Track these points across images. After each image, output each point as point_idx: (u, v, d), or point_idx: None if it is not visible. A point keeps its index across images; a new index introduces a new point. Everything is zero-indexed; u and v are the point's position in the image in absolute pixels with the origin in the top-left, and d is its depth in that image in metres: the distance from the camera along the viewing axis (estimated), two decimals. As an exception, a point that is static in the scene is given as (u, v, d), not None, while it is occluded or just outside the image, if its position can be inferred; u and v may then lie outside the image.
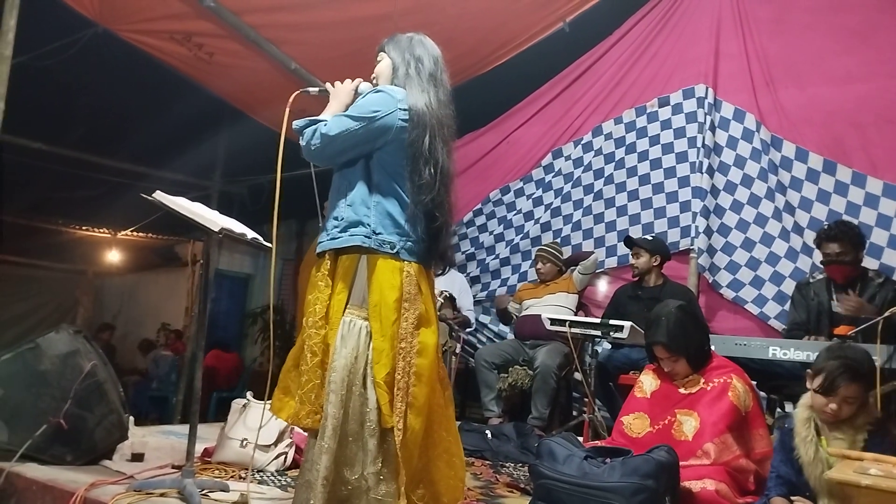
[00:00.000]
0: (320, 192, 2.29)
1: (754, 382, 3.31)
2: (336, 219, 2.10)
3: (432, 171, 2.08)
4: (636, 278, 4.44)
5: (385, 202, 2.08)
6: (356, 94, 2.24)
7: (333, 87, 2.25)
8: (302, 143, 2.12)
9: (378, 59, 2.29)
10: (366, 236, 2.05)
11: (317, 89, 2.32)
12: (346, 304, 2.05)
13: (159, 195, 2.49)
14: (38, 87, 4.95)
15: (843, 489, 1.89)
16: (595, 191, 5.29)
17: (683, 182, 4.90)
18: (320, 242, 2.12)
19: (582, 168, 5.39)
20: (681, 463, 2.38)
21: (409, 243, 2.09)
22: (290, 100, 2.20)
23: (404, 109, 2.09)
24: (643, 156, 5.12)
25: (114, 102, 5.93)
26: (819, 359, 2.30)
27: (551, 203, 5.51)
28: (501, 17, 4.95)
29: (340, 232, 2.07)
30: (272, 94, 5.37)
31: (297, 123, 2.13)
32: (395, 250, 2.06)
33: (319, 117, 2.13)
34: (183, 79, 5.15)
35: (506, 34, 5.20)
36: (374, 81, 2.27)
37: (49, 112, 5.88)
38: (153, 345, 8.67)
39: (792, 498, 2.28)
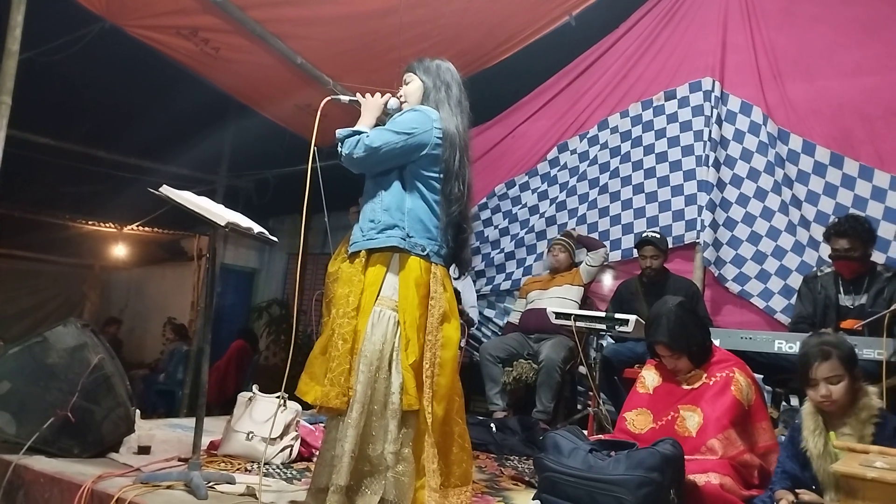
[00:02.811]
0: (326, 188, 2.36)
1: (760, 376, 3.32)
2: (372, 221, 2.28)
3: (461, 186, 2.34)
4: (648, 278, 4.41)
5: (417, 209, 2.29)
6: (385, 108, 2.42)
7: (364, 98, 2.42)
8: (343, 150, 2.28)
9: (406, 79, 2.47)
10: (401, 238, 2.25)
11: (347, 99, 2.48)
12: (377, 296, 2.22)
13: (166, 189, 2.50)
14: (45, 82, 4.96)
15: (849, 482, 1.89)
16: (601, 184, 5.28)
17: (689, 175, 4.88)
18: (354, 242, 2.30)
19: (587, 162, 5.38)
20: (685, 457, 2.38)
21: (438, 247, 2.31)
22: (321, 106, 2.37)
23: (439, 128, 2.32)
24: (649, 149, 5.10)
25: (120, 98, 5.94)
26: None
27: (557, 197, 5.51)
28: (507, 10, 4.94)
29: (377, 233, 2.26)
30: (278, 88, 5.38)
31: (340, 132, 2.30)
32: (425, 252, 2.27)
33: (359, 129, 2.31)
34: (189, 74, 5.16)
35: (511, 28, 5.19)
36: (402, 99, 2.44)
37: (56, 107, 5.90)
38: (186, 329, 8.58)
39: (797, 490, 2.28)
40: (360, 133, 2.28)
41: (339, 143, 2.30)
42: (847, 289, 3.54)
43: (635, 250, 4.54)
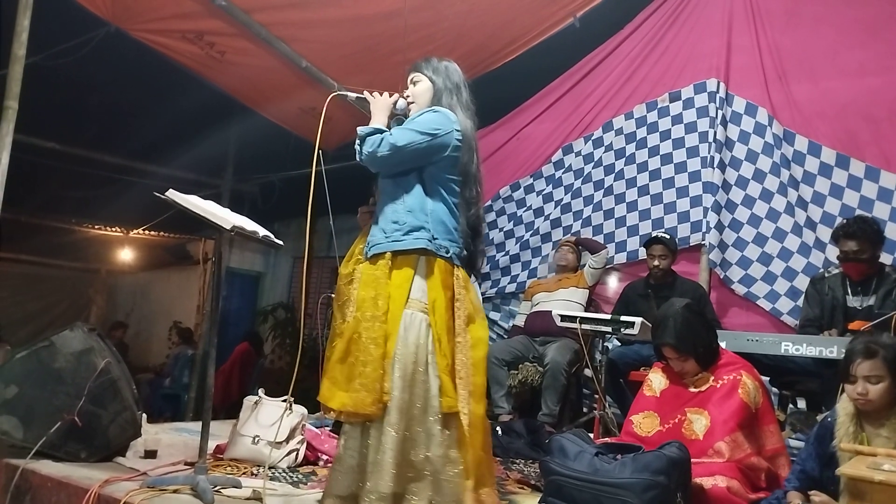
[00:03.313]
0: (331, 191, 2.35)
1: (766, 378, 3.31)
2: (396, 222, 2.25)
3: (478, 189, 2.38)
4: (655, 279, 4.40)
5: (439, 211, 2.27)
6: (393, 108, 2.40)
7: (372, 96, 2.38)
8: (365, 148, 2.26)
9: (413, 78, 2.43)
10: (428, 240, 2.23)
11: (354, 95, 2.47)
12: (407, 298, 2.19)
13: (172, 194, 2.51)
14: (51, 86, 4.99)
15: (857, 484, 1.88)
16: (605, 186, 5.27)
17: (694, 177, 4.87)
18: (377, 244, 2.26)
19: (592, 164, 5.37)
20: (692, 460, 2.38)
21: (459, 250, 2.31)
22: (326, 102, 2.36)
23: (458, 130, 2.31)
24: (654, 151, 5.09)
25: (126, 101, 5.98)
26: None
27: (561, 199, 5.50)
28: (511, 12, 4.94)
29: (403, 235, 2.24)
30: (283, 92, 5.39)
31: (361, 130, 2.28)
32: (449, 254, 2.27)
33: (379, 127, 2.29)
34: (194, 77, 5.17)
35: (516, 30, 5.19)
36: (409, 99, 2.41)
37: (62, 111, 5.93)
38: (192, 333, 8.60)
39: (809, 492, 2.26)
40: (381, 131, 2.26)
41: (360, 141, 2.28)
42: (855, 290, 3.52)
43: (642, 250, 4.53)
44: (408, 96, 2.43)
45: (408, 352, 2.13)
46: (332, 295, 2.37)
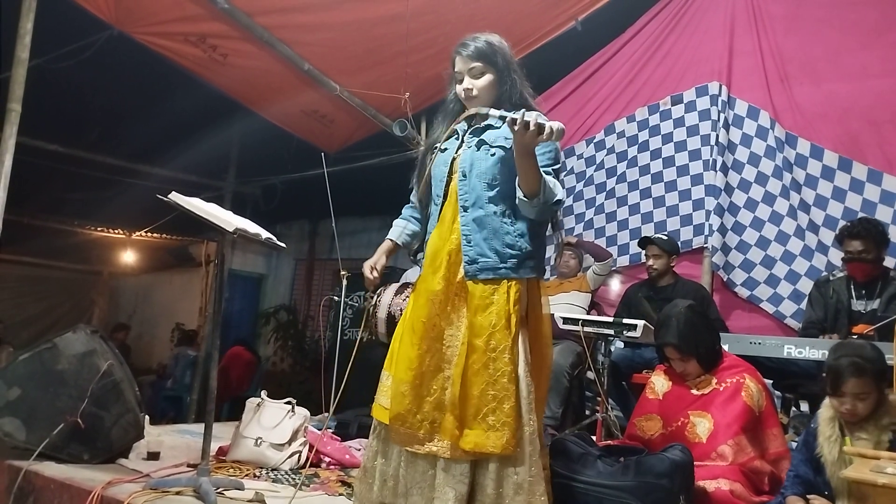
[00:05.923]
0: (333, 196, 2.33)
1: (769, 381, 3.30)
2: (511, 247, 2.07)
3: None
4: (652, 279, 4.39)
5: (541, 236, 2.16)
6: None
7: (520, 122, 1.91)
8: (559, 200, 2.08)
9: (473, 69, 2.19)
10: (538, 268, 2.13)
11: (498, 113, 2.03)
12: (522, 325, 2.06)
13: (175, 196, 2.51)
14: (54, 89, 5.01)
15: (860, 488, 1.87)
16: (608, 189, 5.28)
17: (697, 180, 4.87)
18: (491, 268, 2.05)
19: (594, 167, 5.38)
20: (695, 463, 2.37)
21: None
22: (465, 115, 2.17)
23: None
24: (656, 154, 5.10)
25: (128, 104, 5.99)
26: (826, 360, 2.29)
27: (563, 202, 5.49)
28: (513, 16, 4.95)
29: (521, 261, 2.07)
30: (285, 94, 5.40)
31: (558, 192, 2.07)
32: (543, 278, 2.20)
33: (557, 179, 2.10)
34: (197, 80, 5.19)
35: (518, 33, 5.19)
36: (473, 93, 2.18)
37: (65, 114, 5.94)
38: (195, 335, 8.59)
39: (808, 497, 2.26)
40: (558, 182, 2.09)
41: (556, 201, 2.06)
42: (859, 293, 3.52)
43: (643, 252, 4.53)
44: (469, 88, 2.16)
45: (528, 381, 2.03)
46: (335, 298, 2.35)
